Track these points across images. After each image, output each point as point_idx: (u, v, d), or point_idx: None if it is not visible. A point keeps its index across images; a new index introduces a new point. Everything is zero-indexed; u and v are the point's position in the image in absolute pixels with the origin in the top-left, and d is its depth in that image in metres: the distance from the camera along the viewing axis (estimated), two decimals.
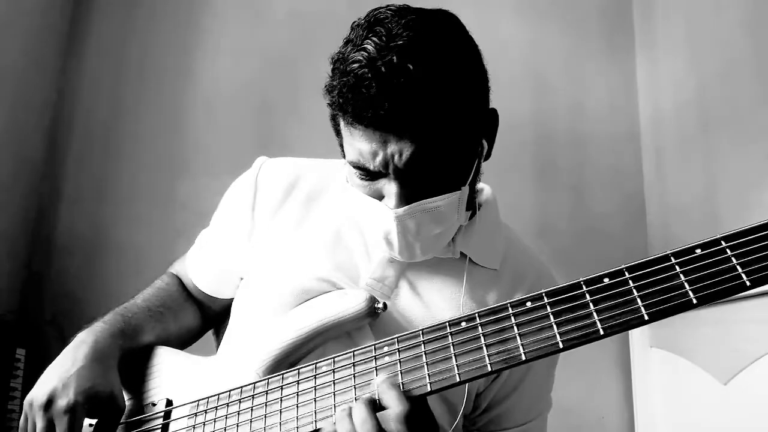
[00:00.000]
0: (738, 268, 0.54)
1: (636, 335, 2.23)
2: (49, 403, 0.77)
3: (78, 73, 2.51)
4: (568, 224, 2.41)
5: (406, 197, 0.73)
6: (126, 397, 0.86)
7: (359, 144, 0.72)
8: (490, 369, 0.59)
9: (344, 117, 0.73)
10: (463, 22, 0.78)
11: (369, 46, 0.70)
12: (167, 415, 0.80)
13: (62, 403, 0.77)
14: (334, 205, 0.87)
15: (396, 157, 0.71)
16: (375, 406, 0.64)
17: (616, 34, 2.72)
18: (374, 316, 0.75)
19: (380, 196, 0.76)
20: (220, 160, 2.30)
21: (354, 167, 0.75)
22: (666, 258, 0.57)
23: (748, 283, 0.53)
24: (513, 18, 2.66)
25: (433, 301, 0.81)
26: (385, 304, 0.75)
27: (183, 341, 0.98)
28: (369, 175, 0.75)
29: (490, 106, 0.81)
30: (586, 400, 2.27)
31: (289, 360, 0.75)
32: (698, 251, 0.56)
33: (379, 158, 0.72)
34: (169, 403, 0.81)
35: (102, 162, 2.42)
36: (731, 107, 2.07)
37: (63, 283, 2.27)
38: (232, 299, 0.95)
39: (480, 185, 0.90)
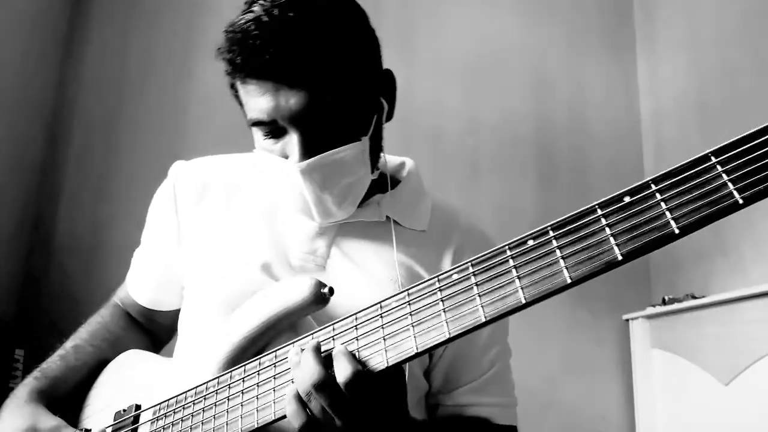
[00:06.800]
0: (667, 214, 0.48)
1: (637, 336, 2.23)
2: None
3: (78, 73, 2.51)
4: None
5: (308, 150, 0.74)
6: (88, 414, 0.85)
7: (254, 99, 0.74)
8: (449, 335, 0.56)
9: (238, 76, 0.75)
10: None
11: (255, 7, 0.73)
12: (135, 420, 0.79)
13: None
14: (255, 192, 0.89)
15: (290, 105, 0.72)
16: (323, 358, 0.62)
17: (616, 32, 2.71)
18: (323, 302, 0.73)
19: (286, 156, 0.76)
20: None
21: (256, 126, 0.76)
22: (593, 210, 0.52)
23: (677, 231, 0.48)
24: (513, 17, 2.65)
25: (368, 264, 0.83)
26: (331, 289, 0.73)
27: None
28: (271, 132, 0.76)
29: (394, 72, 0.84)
30: (588, 400, 2.26)
31: (244, 358, 0.74)
32: (627, 198, 0.51)
33: (275, 108, 0.73)
34: (137, 407, 0.80)
35: (102, 162, 2.42)
36: (731, 105, 2.06)
37: (62, 283, 2.27)
38: (175, 312, 0.94)
39: (403, 159, 0.94)
